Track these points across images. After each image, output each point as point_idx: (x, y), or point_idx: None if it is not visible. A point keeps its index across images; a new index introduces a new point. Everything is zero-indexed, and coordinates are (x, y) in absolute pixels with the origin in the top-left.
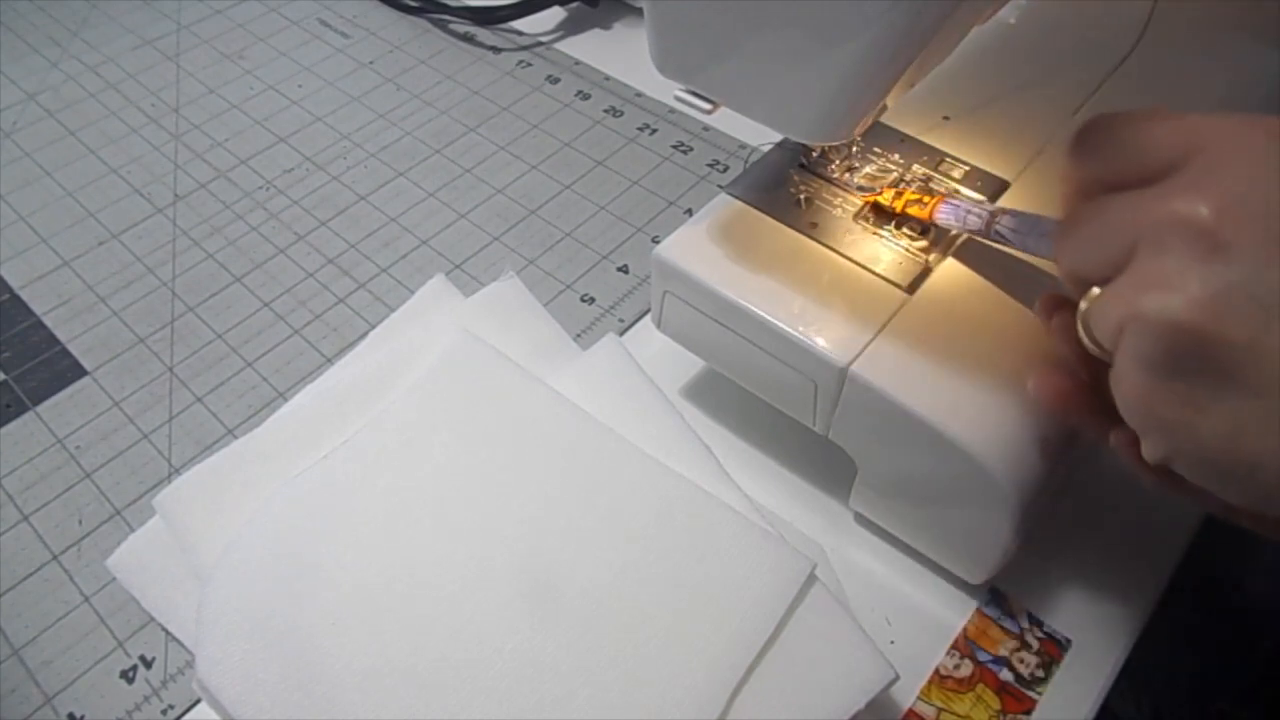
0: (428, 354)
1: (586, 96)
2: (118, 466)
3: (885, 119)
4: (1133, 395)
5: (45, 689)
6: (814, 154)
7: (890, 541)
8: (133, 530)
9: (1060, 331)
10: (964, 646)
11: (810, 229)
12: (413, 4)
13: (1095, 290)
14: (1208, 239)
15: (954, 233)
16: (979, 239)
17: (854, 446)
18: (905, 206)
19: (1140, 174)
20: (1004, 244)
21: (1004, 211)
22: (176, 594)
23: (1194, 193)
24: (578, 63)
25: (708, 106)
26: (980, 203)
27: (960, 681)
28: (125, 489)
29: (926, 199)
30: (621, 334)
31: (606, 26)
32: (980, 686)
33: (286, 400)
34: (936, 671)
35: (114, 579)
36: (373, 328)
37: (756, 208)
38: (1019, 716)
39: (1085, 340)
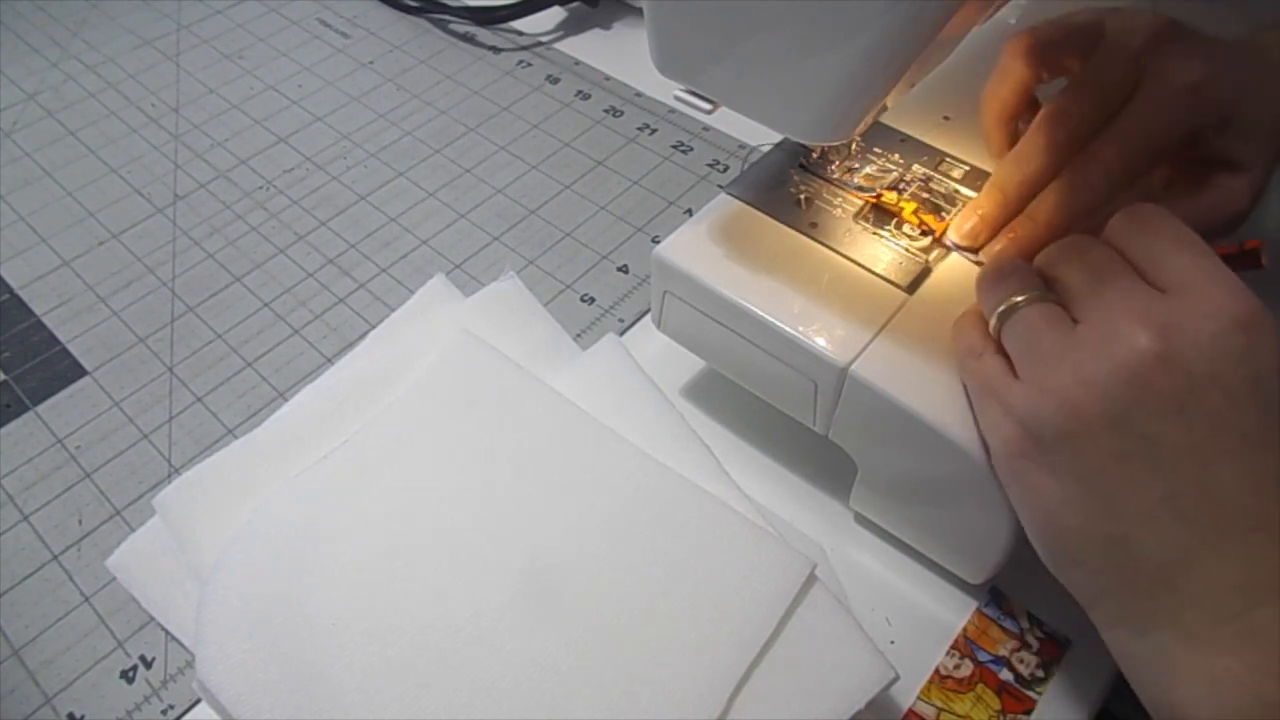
0: (427, 354)
1: (586, 96)
2: (118, 466)
3: (885, 119)
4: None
5: (45, 689)
6: (814, 154)
7: (890, 541)
8: (133, 530)
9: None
10: (964, 646)
11: (810, 229)
12: (413, 4)
13: (1023, 297)
14: (1131, 364)
15: None
16: None
17: (854, 446)
18: (916, 212)
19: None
20: None
21: None
22: (176, 594)
23: (1159, 322)
24: (578, 63)
25: (708, 106)
26: None
27: (960, 681)
28: (125, 489)
29: (933, 221)
30: (621, 334)
31: (606, 26)
32: (980, 686)
33: (286, 400)
34: (936, 671)
35: (114, 579)
36: (373, 328)
37: (756, 208)
38: (1019, 716)
39: (993, 323)
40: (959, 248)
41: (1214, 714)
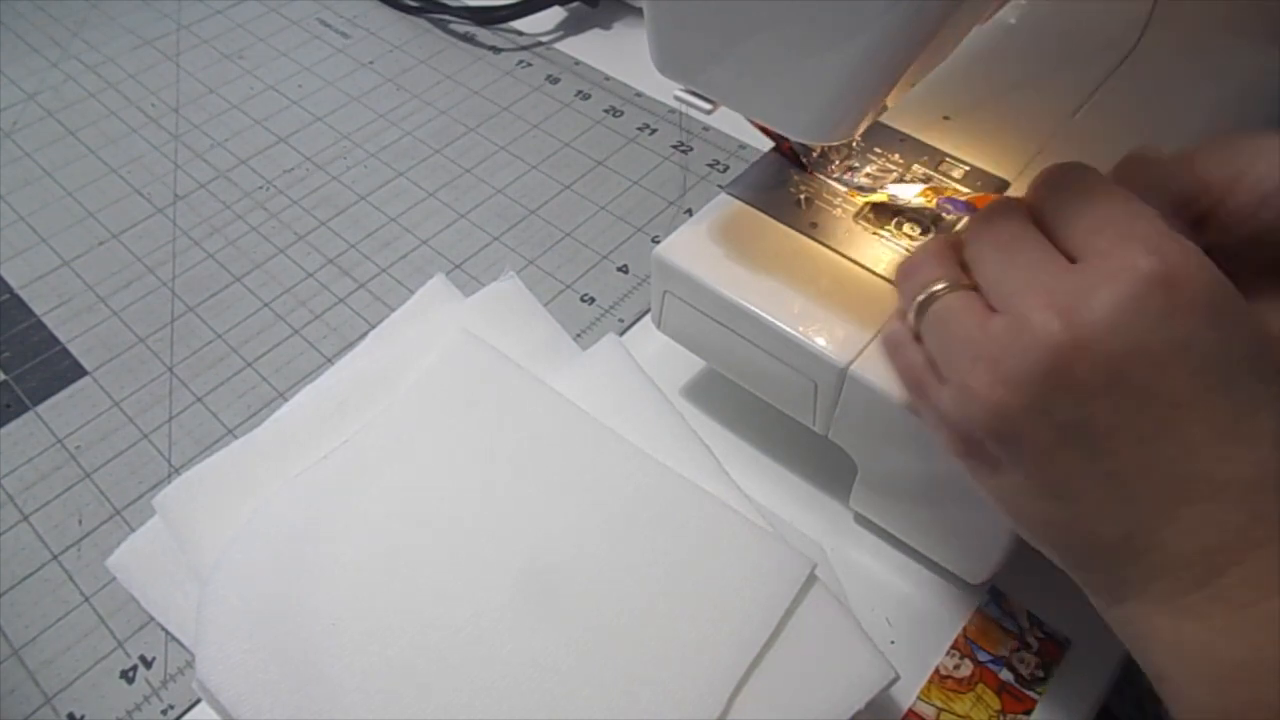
0: (427, 354)
1: (586, 96)
2: (118, 466)
3: (885, 119)
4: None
5: (45, 689)
6: (814, 154)
7: (890, 541)
8: (133, 530)
9: None
10: (964, 646)
11: (810, 229)
12: (413, 4)
13: (940, 286)
14: (1044, 356)
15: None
16: None
17: (854, 446)
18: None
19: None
20: None
21: None
22: (176, 594)
23: (1066, 303)
24: (578, 63)
25: (708, 106)
26: None
27: (960, 681)
28: (125, 489)
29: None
30: (621, 334)
31: (606, 26)
32: (980, 686)
33: (286, 400)
34: (936, 671)
35: (114, 579)
36: (373, 328)
37: (756, 208)
38: (1019, 716)
39: (911, 317)
40: None
41: (1187, 678)
